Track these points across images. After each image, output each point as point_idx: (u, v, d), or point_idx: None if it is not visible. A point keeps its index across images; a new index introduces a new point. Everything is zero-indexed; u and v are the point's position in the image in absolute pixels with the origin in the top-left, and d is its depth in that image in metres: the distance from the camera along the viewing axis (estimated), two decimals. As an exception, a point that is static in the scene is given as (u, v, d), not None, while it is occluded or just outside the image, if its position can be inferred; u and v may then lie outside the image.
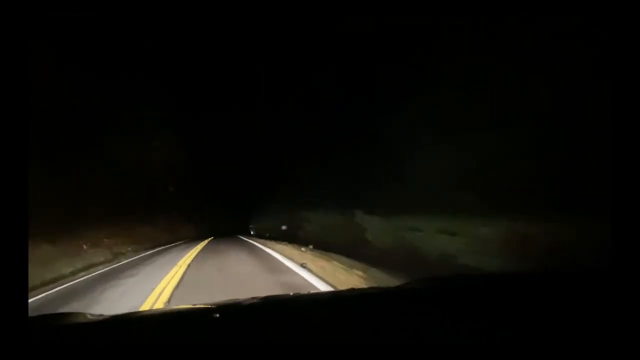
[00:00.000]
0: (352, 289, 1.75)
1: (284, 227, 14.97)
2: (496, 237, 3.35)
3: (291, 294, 1.41)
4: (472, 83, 3.68)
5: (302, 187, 11.41)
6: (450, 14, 3.39)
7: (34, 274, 5.86)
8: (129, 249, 10.58)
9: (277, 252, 7.91)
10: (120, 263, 8.12)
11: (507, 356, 0.62)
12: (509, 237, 3.21)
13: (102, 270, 7.26)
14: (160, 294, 4.13)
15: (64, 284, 5.98)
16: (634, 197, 0.84)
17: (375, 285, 3.83)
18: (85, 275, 6.86)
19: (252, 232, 31.60)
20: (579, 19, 2.41)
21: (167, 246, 14.36)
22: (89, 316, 1.06)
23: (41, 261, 6.39)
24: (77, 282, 6.16)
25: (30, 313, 0.88)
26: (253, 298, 1.25)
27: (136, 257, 9.20)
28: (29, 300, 4.55)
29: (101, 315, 1.09)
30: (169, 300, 3.74)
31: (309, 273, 4.68)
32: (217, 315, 1.02)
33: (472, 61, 3.61)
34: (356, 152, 6.99)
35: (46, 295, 5.17)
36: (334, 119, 7.39)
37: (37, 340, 0.76)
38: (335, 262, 5.65)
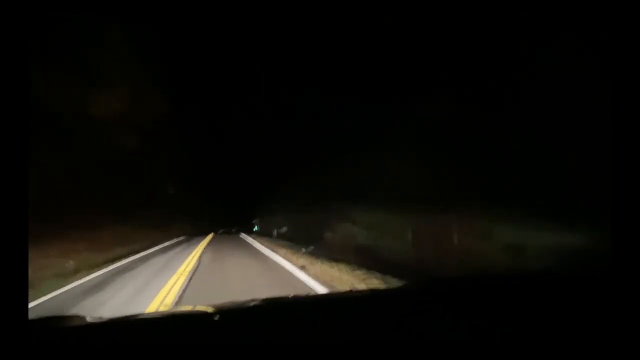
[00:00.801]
0: (351, 291, 2.21)
1: (284, 229, 13.85)
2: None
3: (290, 295, 1.37)
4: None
5: (339, 174, 8.65)
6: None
7: None
8: (69, 265, 6.48)
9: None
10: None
11: (501, 355, 0.63)
12: None
13: None
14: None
15: None
16: (633, 199, 0.90)
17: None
18: None
19: (255, 228, 28.66)
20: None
21: (142, 254, 10.02)
22: (88, 319, 1.04)
23: None
24: None
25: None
26: (253, 300, 1.28)
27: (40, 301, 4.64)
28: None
29: (100, 317, 1.09)
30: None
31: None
32: (217, 317, 1.03)
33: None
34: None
35: None
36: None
37: (38, 343, 0.74)
38: None
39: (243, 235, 18.52)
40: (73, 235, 7.57)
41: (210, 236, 18.34)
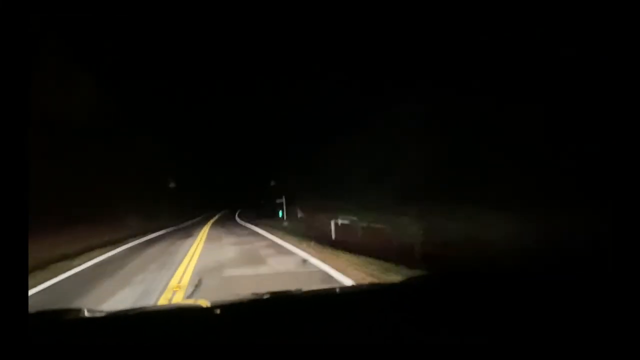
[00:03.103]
0: (353, 286, 2.40)
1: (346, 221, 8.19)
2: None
3: (293, 290, 1.35)
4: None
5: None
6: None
7: None
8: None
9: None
10: None
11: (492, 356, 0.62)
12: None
13: None
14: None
15: None
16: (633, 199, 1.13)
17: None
18: None
19: (280, 214, 18.07)
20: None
21: None
22: (86, 313, 1.02)
23: None
24: None
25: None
26: (254, 294, 1.29)
27: None
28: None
29: (101, 311, 1.07)
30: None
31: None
32: (218, 312, 1.05)
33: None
34: None
35: None
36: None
37: (37, 339, 0.72)
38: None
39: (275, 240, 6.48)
40: None
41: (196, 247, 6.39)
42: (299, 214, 17.02)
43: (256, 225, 13.08)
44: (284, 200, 18.36)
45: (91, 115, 12.68)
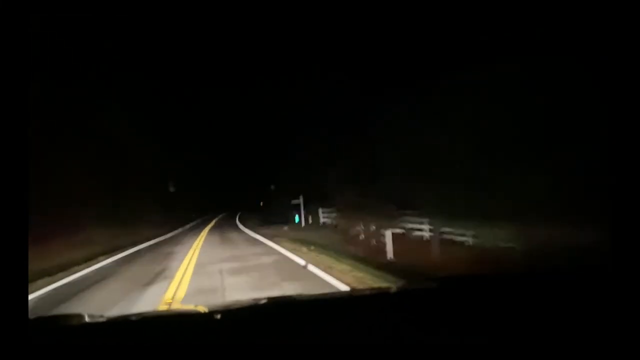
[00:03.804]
0: (353, 290, 2.46)
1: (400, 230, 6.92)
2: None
3: (294, 295, 1.32)
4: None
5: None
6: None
7: None
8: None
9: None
10: None
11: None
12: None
13: None
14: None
15: None
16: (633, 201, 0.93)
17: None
18: None
19: (297, 219, 14.58)
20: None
21: None
22: (87, 318, 0.99)
23: None
24: None
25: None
26: (255, 299, 1.33)
27: None
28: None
29: (101, 316, 1.04)
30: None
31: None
32: (219, 317, 1.04)
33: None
34: None
35: None
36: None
37: (37, 344, 0.71)
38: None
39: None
40: None
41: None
42: (323, 219, 13.08)
43: (271, 238, 9.31)
44: (301, 200, 14.38)
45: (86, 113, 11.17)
